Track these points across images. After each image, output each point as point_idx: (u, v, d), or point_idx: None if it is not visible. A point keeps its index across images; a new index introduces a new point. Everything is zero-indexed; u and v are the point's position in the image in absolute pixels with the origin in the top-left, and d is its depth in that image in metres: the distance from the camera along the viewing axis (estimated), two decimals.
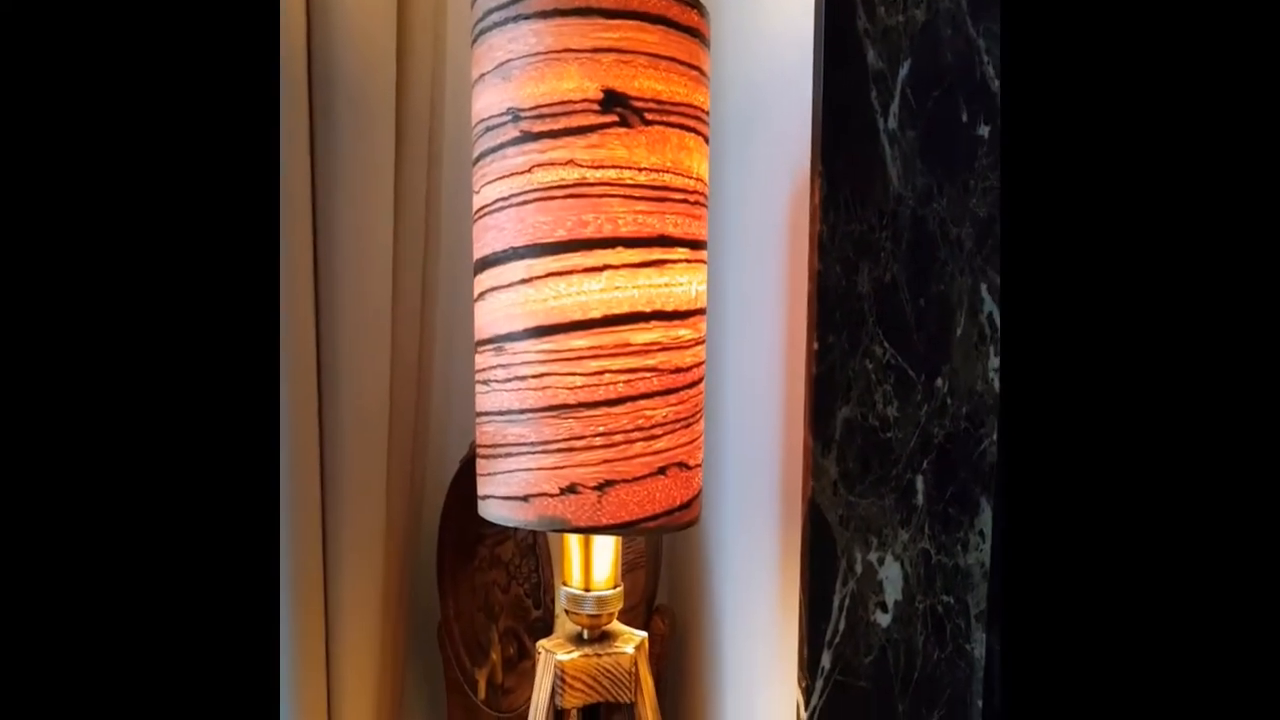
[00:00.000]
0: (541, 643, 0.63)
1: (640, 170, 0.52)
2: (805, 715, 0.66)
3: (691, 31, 0.54)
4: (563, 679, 0.60)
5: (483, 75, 0.54)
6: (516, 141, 0.52)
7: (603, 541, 0.62)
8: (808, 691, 0.66)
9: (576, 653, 0.61)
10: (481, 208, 0.55)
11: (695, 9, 0.54)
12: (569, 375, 0.52)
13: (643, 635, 0.64)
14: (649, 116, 0.52)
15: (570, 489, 0.53)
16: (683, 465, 0.56)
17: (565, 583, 0.63)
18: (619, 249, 0.52)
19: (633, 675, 0.62)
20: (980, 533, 0.50)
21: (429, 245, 0.96)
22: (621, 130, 0.51)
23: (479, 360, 0.57)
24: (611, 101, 0.51)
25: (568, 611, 0.63)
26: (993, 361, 0.49)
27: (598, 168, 0.51)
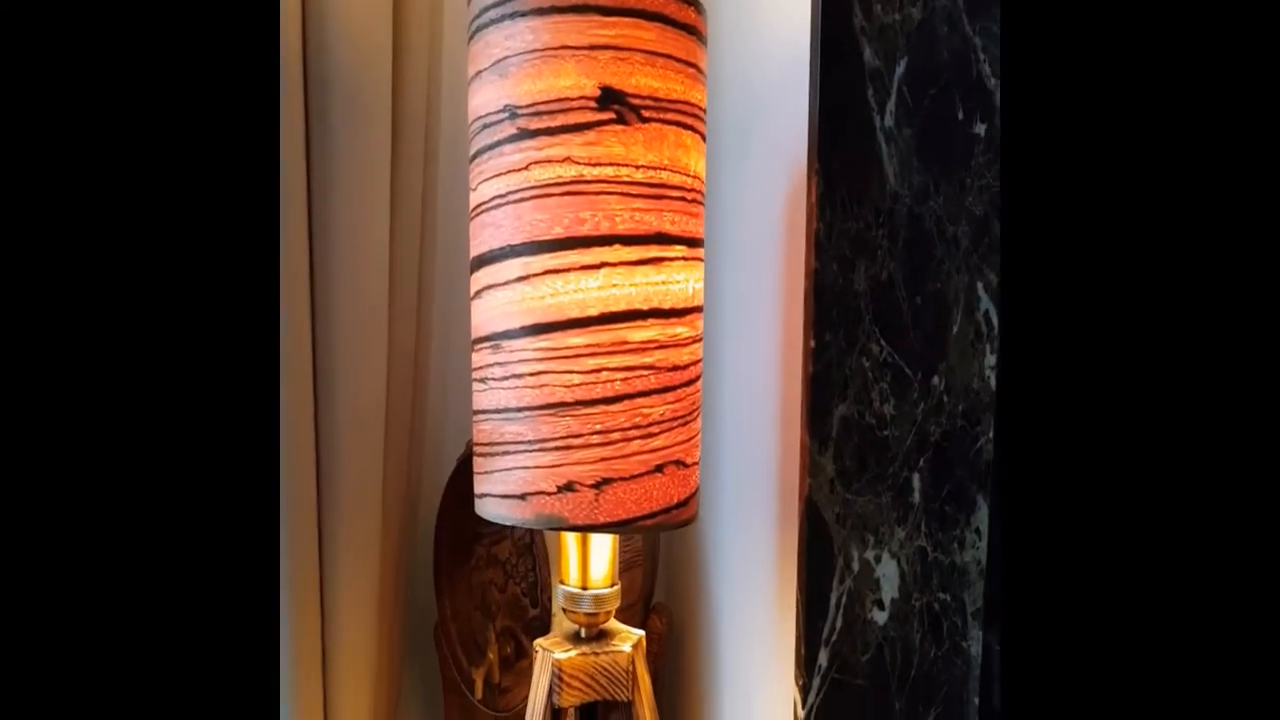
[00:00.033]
0: (539, 641, 0.63)
1: (637, 168, 0.52)
2: (802, 713, 0.66)
3: (688, 29, 0.54)
4: (560, 677, 0.60)
5: (480, 72, 0.54)
6: (514, 139, 0.52)
7: (600, 540, 0.62)
8: (805, 689, 0.66)
9: (574, 651, 0.61)
10: (478, 205, 0.55)
11: (692, 6, 0.54)
12: (566, 373, 0.52)
13: (640, 633, 0.64)
14: (646, 114, 0.52)
15: (567, 487, 0.53)
16: (680, 463, 0.56)
17: (562, 581, 0.63)
18: (616, 246, 0.52)
19: (630, 674, 0.61)
20: (977, 530, 0.50)
21: (425, 243, 0.95)
22: (619, 127, 0.51)
23: (476, 358, 0.57)
24: (609, 99, 0.51)
25: (565, 610, 0.63)
26: (989, 359, 0.49)
27: (595, 165, 0.51)
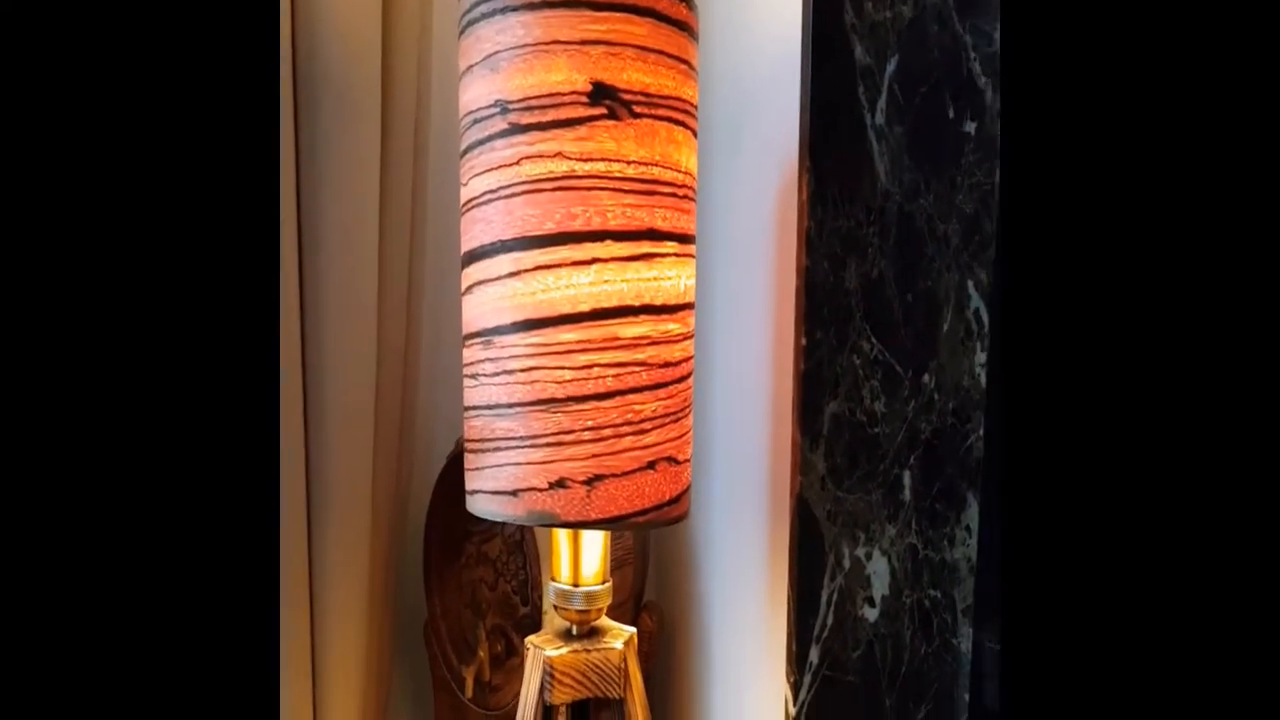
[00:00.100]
0: (530, 639, 0.63)
1: (629, 163, 0.52)
2: (793, 710, 0.66)
3: (680, 25, 0.54)
4: (552, 675, 0.60)
5: (470, 67, 0.54)
6: (505, 134, 0.51)
7: (591, 536, 0.61)
8: (796, 686, 0.66)
9: (565, 648, 0.61)
10: (469, 200, 0.55)
11: (684, 2, 0.54)
12: (558, 369, 0.52)
13: (632, 631, 0.64)
14: (637, 109, 0.52)
15: (559, 483, 0.52)
16: (672, 460, 0.56)
17: (554, 578, 0.63)
18: (608, 242, 0.51)
19: (622, 671, 0.61)
20: (967, 528, 0.51)
21: (415, 239, 0.95)
22: (610, 123, 0.51)
23: (467, 354, 0.57)
24: (600, 94, 0.51)
25: (556, 607, 0.63)
26: (979, 357, 0.49)
27: (586, 160, 0.51)
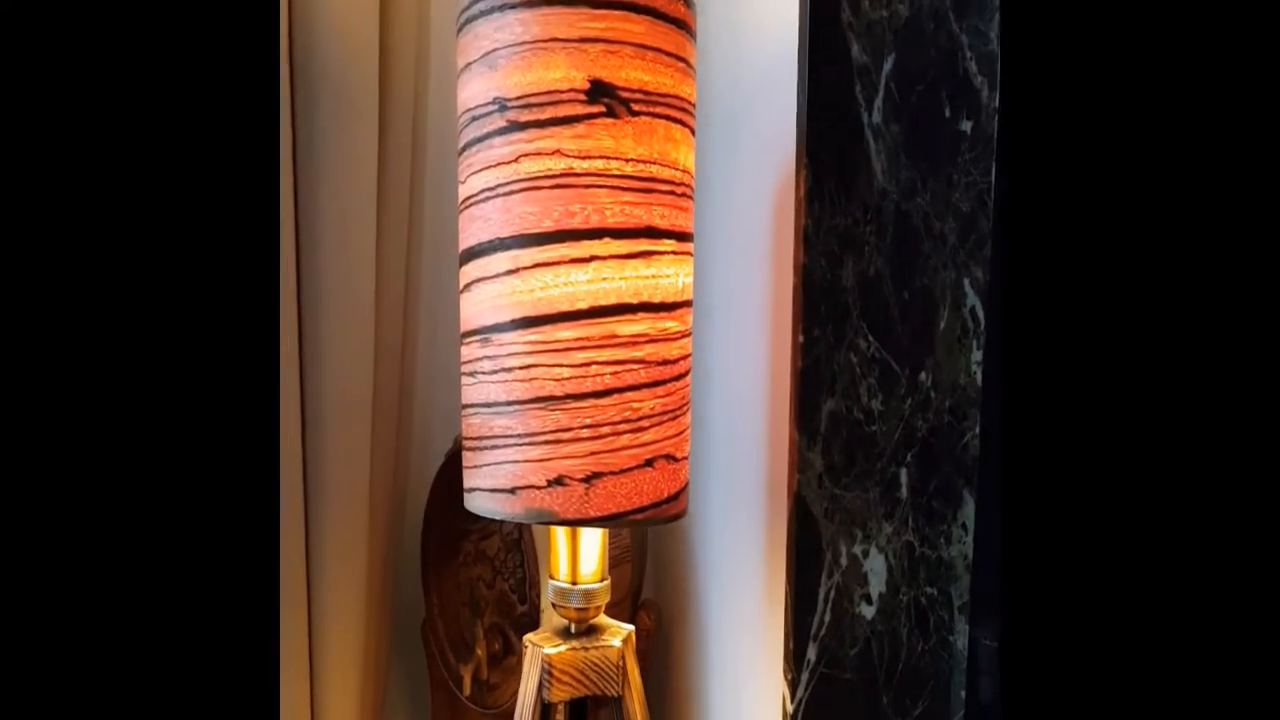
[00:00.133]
0: (528, 636, 0.63)
1: (627, 161, 0.52)
2: (791, 708, 0.66)
3: (678, 23, 0.54)
4: (550, 673, 0.60)
5: (469, 65, 0.54)
6: (503, 131, 0.52)
7: (590, 534, 0.62)
8: (793, 684, 0.66)
9: (564, 646, 0.61)
10: (467, 198, 0.55)
11: (682, 1, 0.54)
12: (556, 367, 0.52)
13: (630, 628, 0.64)
14: (636, 107, 0.52)
15: (557, 481, 0.52)
16: (670, 457, 0.56)
17: (552, 576, 0.63)
18: (606, 240, 0.51)
19: (620, 669, 0.61)
20: (963, 525, 0.51)
21: (413, 236, 0.95)
22: (608, 121, 0.51)
23: (465, 352, 0.57)
24: (598, 92, 0.51)
25: (554, 605, 0.63)
26: (975, 355, 0.50)
27: (585, 158, 0.51)
